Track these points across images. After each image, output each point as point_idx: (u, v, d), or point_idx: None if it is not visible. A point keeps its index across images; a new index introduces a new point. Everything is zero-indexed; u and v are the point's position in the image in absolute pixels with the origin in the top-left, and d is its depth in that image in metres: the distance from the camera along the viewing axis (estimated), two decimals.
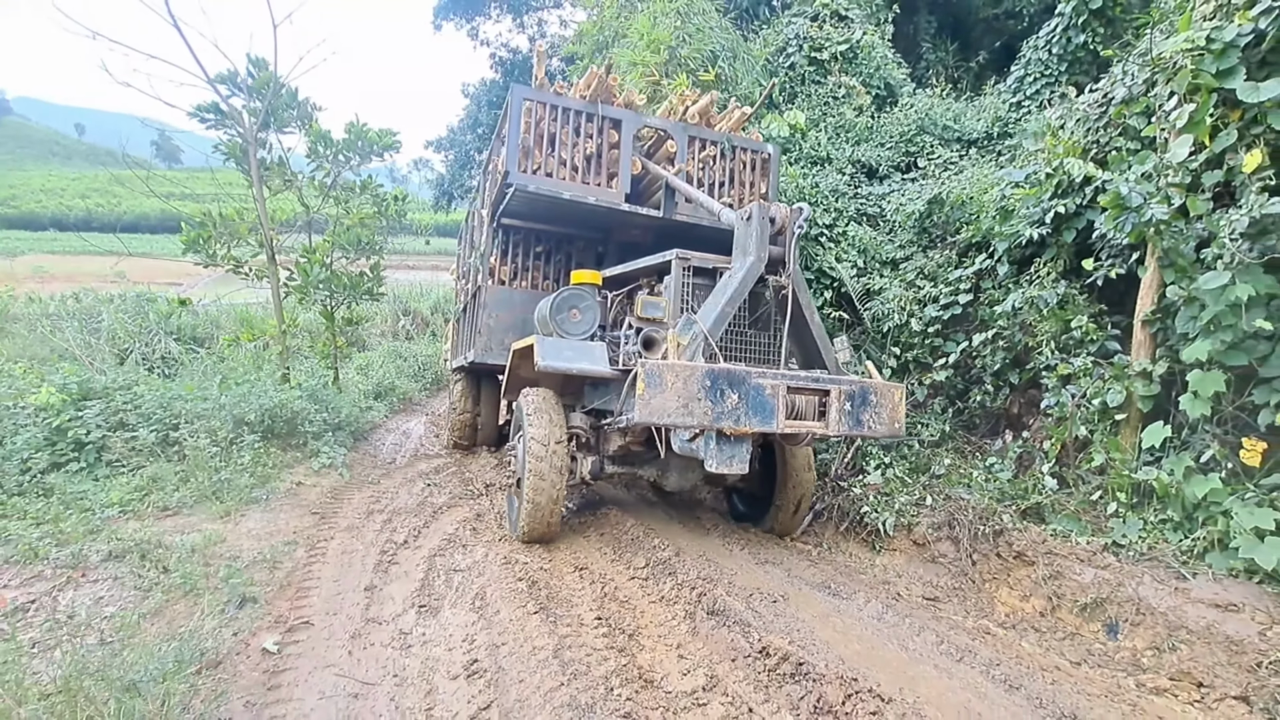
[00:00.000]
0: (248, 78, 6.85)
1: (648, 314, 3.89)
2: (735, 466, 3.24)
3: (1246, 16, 3.63)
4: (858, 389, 3.67)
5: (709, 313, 3.68)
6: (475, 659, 2.99)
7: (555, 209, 5.85)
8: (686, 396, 3.16)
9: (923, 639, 3.23)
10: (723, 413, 3.17)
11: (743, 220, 3.94)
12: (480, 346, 6.10)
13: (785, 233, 3.86)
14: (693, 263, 4.18)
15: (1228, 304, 3.45)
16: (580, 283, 4.85)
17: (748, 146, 6.52)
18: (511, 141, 5.40)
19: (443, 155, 28.87)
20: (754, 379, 3.26)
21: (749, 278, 3.77)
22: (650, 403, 3.18)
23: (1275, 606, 3.16)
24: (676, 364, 3.24)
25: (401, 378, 13.47)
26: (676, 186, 5.67)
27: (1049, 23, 9.44)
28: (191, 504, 4.72)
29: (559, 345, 4.23)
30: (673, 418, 3.16)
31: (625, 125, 5.86)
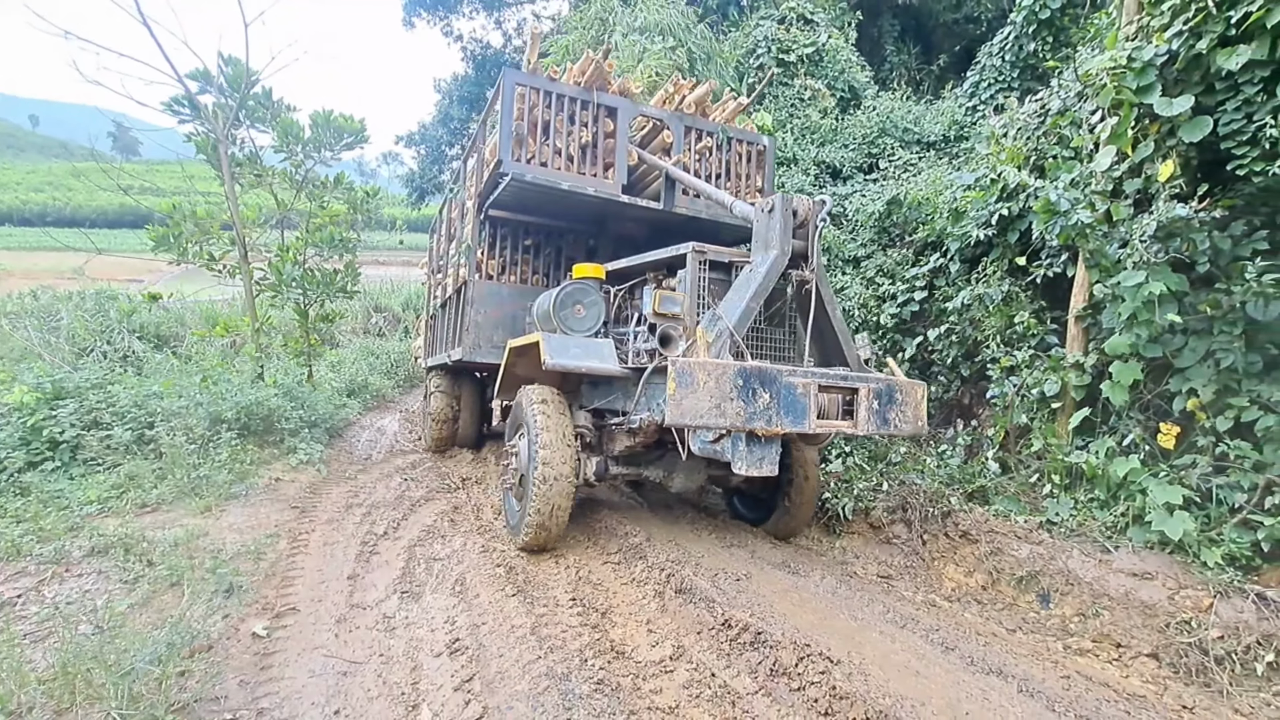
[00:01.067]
0: (220, 75, 6.84)
1: (665, 309, 3.63)
2: (765, 468, 3.08)
3: (1162, 38, 3.98)
4: (884, 387, 3.54)
5: (733, 308, 3.49)
6: (457, 638, 3.17)
7: (547, 200, 5.63)
8: (719, 396, 2.98)
9: (872, 610, 3.52)
10: (755, 413, 3.00)
11: (764, 212, 3.76)
12: (468, 344, 5.84)
13: (807, 226, 3.71)
14: (708, 256, 3.97)
15: (1143, 300, 3.79)
16: (583, 277, 4.65)
17: (743, 138, 6.36)
18: (504, 129, 5.13)
19: (414, 150, 28.64)
20: (785, 377, 3.11)
21: (773, 272, 3.59)
22: (682, 403, 3.02)
23: (1182, 573, 3.52)
24: (708, 362, 3.06)
25: (374, 375, 13.47)
26: (679, 178, 5.51)
27: (1002, 31, 9.88)
28: (170, 500, 4.80)
29: (565, 342, 4.07)
30: (705, 418, 2.99)
31: (621, 113, 5.63)
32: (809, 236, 3.71)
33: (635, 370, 4.03)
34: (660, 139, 5.97)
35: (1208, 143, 3.89)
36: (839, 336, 3.88)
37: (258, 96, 7.12)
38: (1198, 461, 3.78)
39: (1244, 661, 3.02)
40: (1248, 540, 3.41)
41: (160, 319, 14.49)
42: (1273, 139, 3.55)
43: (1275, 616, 3.10)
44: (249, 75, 6.92)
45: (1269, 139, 3.57)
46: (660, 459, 4.75)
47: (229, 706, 2.57)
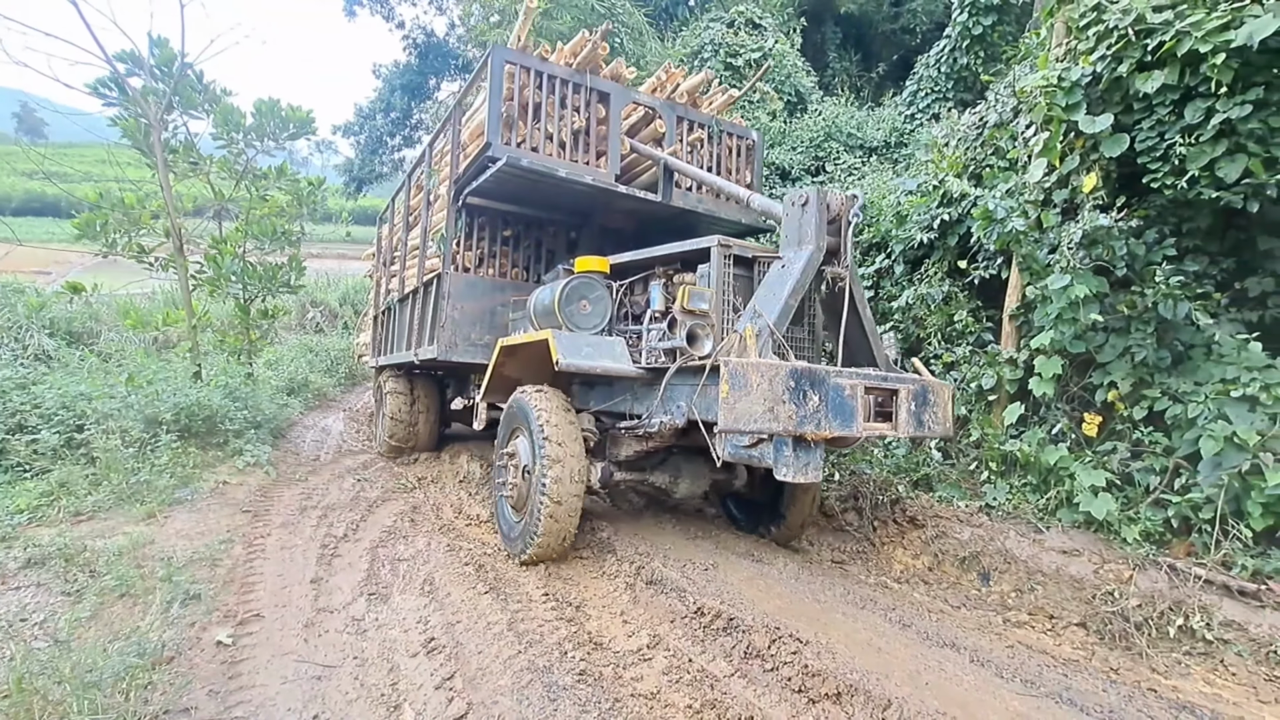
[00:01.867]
0: (149, 57, 6.43)
1: (694, 306, 3.45)
2: (811, 475, 2.90)
3: (1088, 60, 4.34)
4: (920, 388, 3.41)
5: (771, 305, 3.31)
6: (432, 637, 3.16)
7: (533, 189, 5.26)
8: (771, 399, 2.80)
9: (832, 593, 3.72)
10: (805, 416, 2.82)
11: (797, 206, 3.60)
12: (443, 342, 5.41)
13: (840, 221, 3.57)
14: (733, 251, 3.79)
15: (1069, 301, 4.15)
16: (587, 271, 4.39)
17: (733, 131, 6.15)
18: (493, 110, 4.77)
19: (351, 139, 27.53)
20: (833, 378, 2.96)
21: (809, 268, 3.43)
22: (735, 406, 2.88)
23: (1106, 549, 3.89)
24: (762, 363, 2.88)
25: (314, 373, 12.97)
26: (681, 170, 5.28)
27: (937, 44, 10.41)
28: (109, 507, 4.53)
29: (577, 341, 3.83)
30: (758, 422, 2.81)
31: (614, 99, 5.34)
32: (841, 232, 3.57)
33: (651, 371, 3.82)
34: (652, 129, 5.76)
35: (1126, 158, 4.27)
36: (869, 336, 3.74)
37: (191, 81, 6.72)
38: (1117, 448, 4.16)
39: (1159, 626, 3.36)
40: (1160, 518, 3.79)
41: (73, 315, 13.47)
42: (1181, 156, 3.95)
43: (1184, 585, 3.47)
44: (183, 58, 6.52)
45: (1178, 156, 3.96)
46: (663, 464, 4.55)
47: (200, 717, 2.49)
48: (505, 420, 4.40)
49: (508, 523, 4.28)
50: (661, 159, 5.38)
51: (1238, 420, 3.56)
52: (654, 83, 6.01)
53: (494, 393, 4.82)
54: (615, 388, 4.35)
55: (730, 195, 4.78)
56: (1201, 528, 3.63)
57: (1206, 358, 3.99)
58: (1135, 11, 4.09)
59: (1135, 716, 2.58)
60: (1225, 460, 3.52)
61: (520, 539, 3.99)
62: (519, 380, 4.49)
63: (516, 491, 4.12)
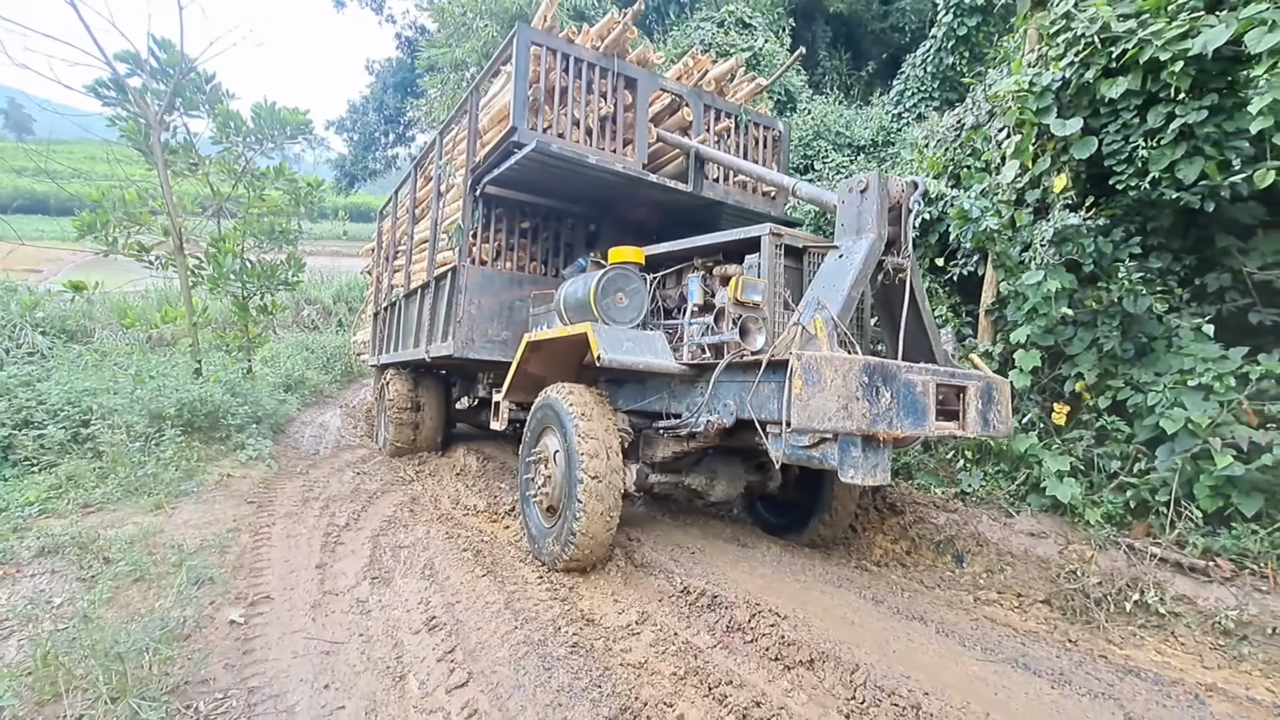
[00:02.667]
0: (150, 58, 6.54)
1: (748, 297, 3.30)
2: (879, 477, 2.75)
3: (1058, 66, 4.54)
4: (985, 385, 3.25)
5: (833, 297, 3.11)
6: (434, 616, 3.35)
7: (554, 178, 5.02)
8: (846, 396, 2.63)
9: (812, 574, 3.92)
10: (878, 414, 2.67)
11: (855, 193, 3.41)
12: (460, 338, 5.19)
13: (900, 209, 3.38)
14: (784, 241, 3.60)
15: (1041, 297, 4.35)
16: (622, 261, 4.18)
17: (759, 121, 5.95)
18: (518, 93, 4.58)
19: (344, 135, 27.53)
20: (904, 374, 2.81)
21: (871, 258, 3.24)
22: (809, 404, 2.69)
23: (1070, 531, 4.11)
24: (836, 357, 2.70)
25: (310, 370, 13.10)
26: (716, 159, 5.10)
27: (924, 44, 10.60)
28: (117, 499, 4.69)
29: (618, 335, 3.64)
30: (832, 421, 2.64)
31: (641, 85, 5.13)
32: (901, 221, 3.38)
33: (695, 368, 3.64)
34: (678, 117, 5.58)
35: (1094, 159, 4.47)
36: (927, 330, 3.57)
37: (195, 81, 6.84)
38: (1083, 435, 4.38)
39: (1116, 601, 3.58)
40: (1121, 501, 4.01)
41: (67, 313, 13.54)
42: (1144, 158, 4.16)
43: (1141, 563, 3.69)
44: (185, 62, 6.63)
45: (1141, 158, 4.17)
46: (697, 465, 4.37)
47: (219, 687, 2.67)
48: (534, 420, 4.22)
49: (538, 528, 4.05)
50: (693, 148, 5.21)
51: (1192, 408, 3.77)
52: (680, 69, 5.81)
53: (517, 391, 4.65)
54: (647, 385, 4.17)
55: (773, 183, 4.62)
56: (1158, 509, 3.85)
57: (1167, 349, 4.21)
58: (1101, 20, 4.29)
59: (1083, 678, 2.79)
60: (1179, 445, 3.74)
61: (554, 545, 3.78)
62: (543, 378, 4.39)
63: (548, 495, 3.92)
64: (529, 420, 4.25)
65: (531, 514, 4.17)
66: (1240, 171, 3.82)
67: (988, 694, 2.60)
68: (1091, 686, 2.73)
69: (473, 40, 11.53)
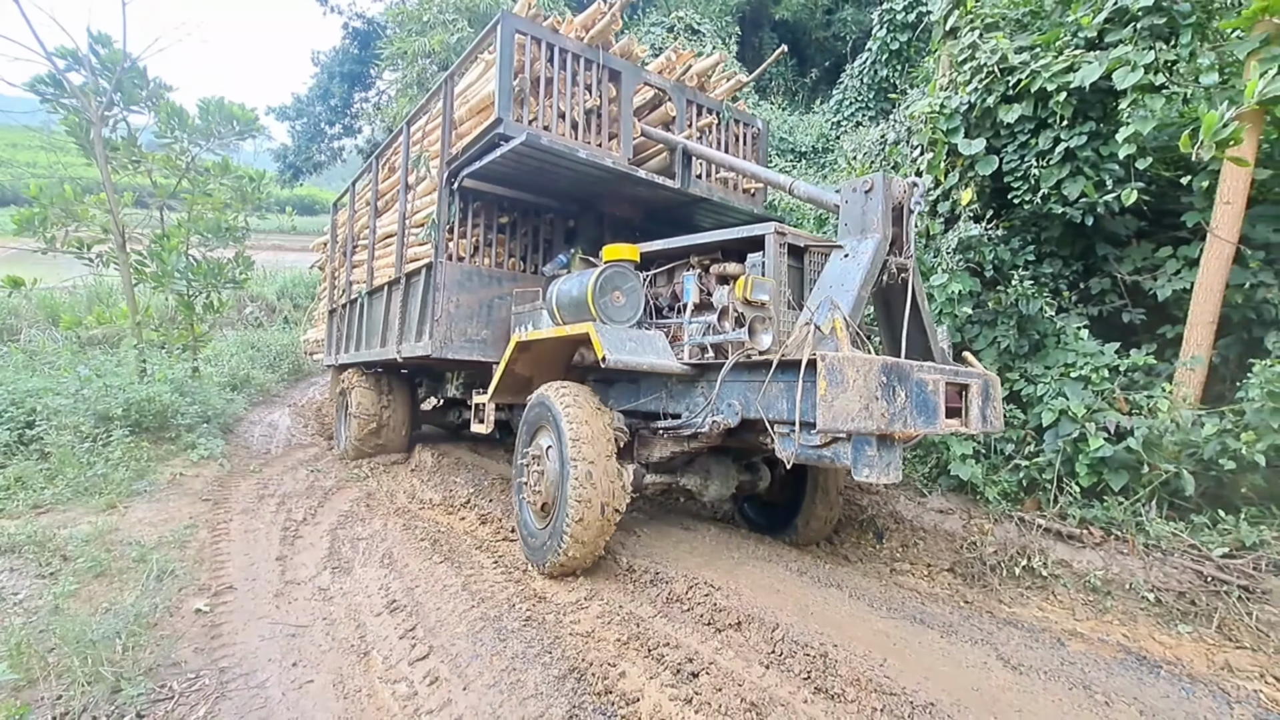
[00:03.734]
0: (90, 54, 6.41)
1: (757, 296, 3.28)
2: (893, 475, 2.76)
3: (965, 91, 5.05)
4: (984, 382, 3.29)
5: (844, 297, 3.10)
6: (394, 600, 3.58)
7: (537, 172, 4.88)
8: (866, 396, 2.63)
9: (745, 552, 4.30)
10: (895, 413, 2.68)
11: (860, 193, 3.42)
12: (438, 338, 5.02)
13: (902, 209, 3.42)
14: (787, 240, 3.59)
15: (948, 298, 4.85)
16: (618, 259, 4.05)
17: (740, 119, 5.89)
18: (503, 83, 4.41)
19: (288, 125, 26.70)
20: (916, 373, 2.82)
21: (878, 257, 3.26)
22: (833, 404, 2.68)
23: (972, 508, 4.62)
24: (858, 357, 2.71)
25: (256, 369, 12.86)
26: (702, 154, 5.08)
27: (860, 56, 11.19)
28: (67, 500, 4.70)
29: (619, 335, 3.58)
30: (854, 421, 2.63)
31: (625, 79, 5.03)
32: (904, 221, 3.42)
33: (697, 367, 3.62)
34: (661, 112, 5.49)
35: (996, 176, 5.00)
36: (926, 329, 3.63)
37: (133, 77, 6.72)
38: None
39: (1008, 567, 4.09)
40: (1015, 479, 4.54)
41: None
42: (1036, 176, 4.69)
43: (1029, 533, 4.21)
44: (126, 58, 6.53)
45: (1033, 176, 4.71)
46: (690, 466, 4.36)
47: (190, 669, 2.85)
48: (526, 421, 4.13)
49: (530, 531, 3.99)
50: (680, 143, 5.16)
51: (1073, 397, 4.32)
52: (663, 63, 5.69)
53: (504, 392, 4.57)
54: (641, 385, 4.13)
55: (769, 181, 4.58)
56: (1044, 486, 4.39)
57: (1056, 346, 4.76)
58: (1000, 52, 4.81)
59: (969, 629, 3.25)
60: (1061, 430, 4.28)
61: (545, 548, 3.72)
62: (530, 379, 4.33)
63: (540, 497, 3.85)
64: (522, 421, 4.19)
65: (525, 517, 4.09)
66: (1112, 191, 4.39)
67: (887, 644, 3.02)
68: (974, 635, 3.19)
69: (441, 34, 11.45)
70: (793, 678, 2.71)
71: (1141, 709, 2.60)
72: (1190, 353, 4.14)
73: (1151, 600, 3.59)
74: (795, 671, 2.75)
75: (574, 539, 3.50)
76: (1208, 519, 3.80)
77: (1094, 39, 4.58)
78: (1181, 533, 3.76)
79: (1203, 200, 4.30)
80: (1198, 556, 3.66)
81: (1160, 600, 3.58)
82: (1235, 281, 4.15)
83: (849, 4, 15.42)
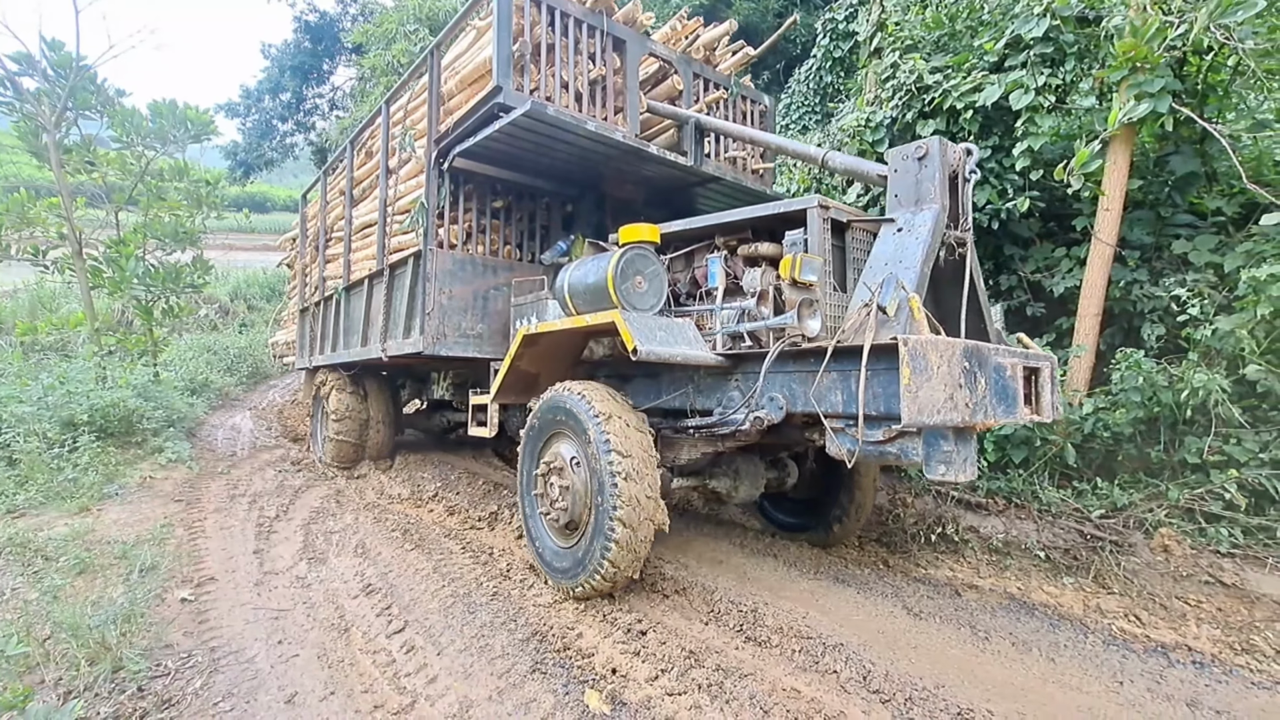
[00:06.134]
0: (43, 59, 6.39)
1: (805, 277, 2.91)
2: (970, 472, 2.48)
3: (888, 107, 5.54)
4: (1050, 366, 3.01)
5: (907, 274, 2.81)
6: (370, 583, 3.87)
7: (535, 150, 4.54)
8: (951, 384, 2.38)
9: (695, 530, 4.73)
10: (977, 403, 2.44)
11: (912, 160, 3.10)
12: (430, 333, 4.65)
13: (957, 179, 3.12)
14: (831, 215, 3.21)
15: None
16: (638, 241, 3.64)
17: (747, 95, 5.58)
18: (501, 50, 4.04)
19: (238, 121, 26.08)
20: (994, 357, 2.58)
21: (938, 231, 2.96)
22: (919, 395, 2.39)
23: (899, 484, 5.13)
24: (940, 340, 2.43)
25: (215, 372, 12.76)
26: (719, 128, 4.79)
27: (806, 62, 11.71)
28: (40, 504, 4.82)
29: (648, 324, 3.22)
30: (940, 413, 2.37)
31: (630, 49, 4.69)
32: (958, 190, 3.12)
33: (731, 358, 3.35)
34: (666, 86, 5.19)
35: None
36: (983, 308, 3.34)
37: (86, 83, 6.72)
38: None
39: (925, 535, 4.61)
40: None
41: None
42: None
43: (944, 504, 4.74)
44: (79, 61, 6.53)
45: None
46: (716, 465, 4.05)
47: (182, 650, 3.10)
48: (538, 425, 3.72)
49: (552, 551, 3.60)
50: (692, 118, 4.84)
51: None
52: (668, 33, 5.33)
53: (508, 392, 4.21)
54: (662, 381, 3.82)
55: (798, 155, 4.28)
56: None
57: None
58: (917, 72, 5.31)
59: (882, 586, 3.74)
60: None
61: (576, 569, 3.35)
62: (536, 376, 4.07)
63: (566, 511, 3.44)
64: (531, 426, 3.77)
65: (541, 535, 3.70)
66: (1012, 199, 4.93)
67: (810, 599, 3.48)
68: (886, 591, 3.67)
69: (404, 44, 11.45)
70: (727, 630, 3.13)
71: (1014, 641, 3.10)
72: (1078, 342, 4.71)
73: (1043, 557, 4.14)
74: (730, 625, 3.17)
75: (615, 562, 3.13)
76: (1089, 486, 4.37)
77: (997, 63, 5.12)
78: (1068, 499, 4.33)
79: (1089, 206, 4.88)
80: (1080, 518, 4.23)
81: (1049, 557, 4.13)
82: (1117, 279, 4.74)
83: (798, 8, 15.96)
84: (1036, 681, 2.78)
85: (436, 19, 11.61)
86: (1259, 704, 2.66)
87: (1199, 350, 4.05)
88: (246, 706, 2.63)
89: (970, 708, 2.50)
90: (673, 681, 2.67)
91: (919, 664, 2.86)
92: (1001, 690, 2.69)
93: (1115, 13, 4.30)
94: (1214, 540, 3.75)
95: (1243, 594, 3.48)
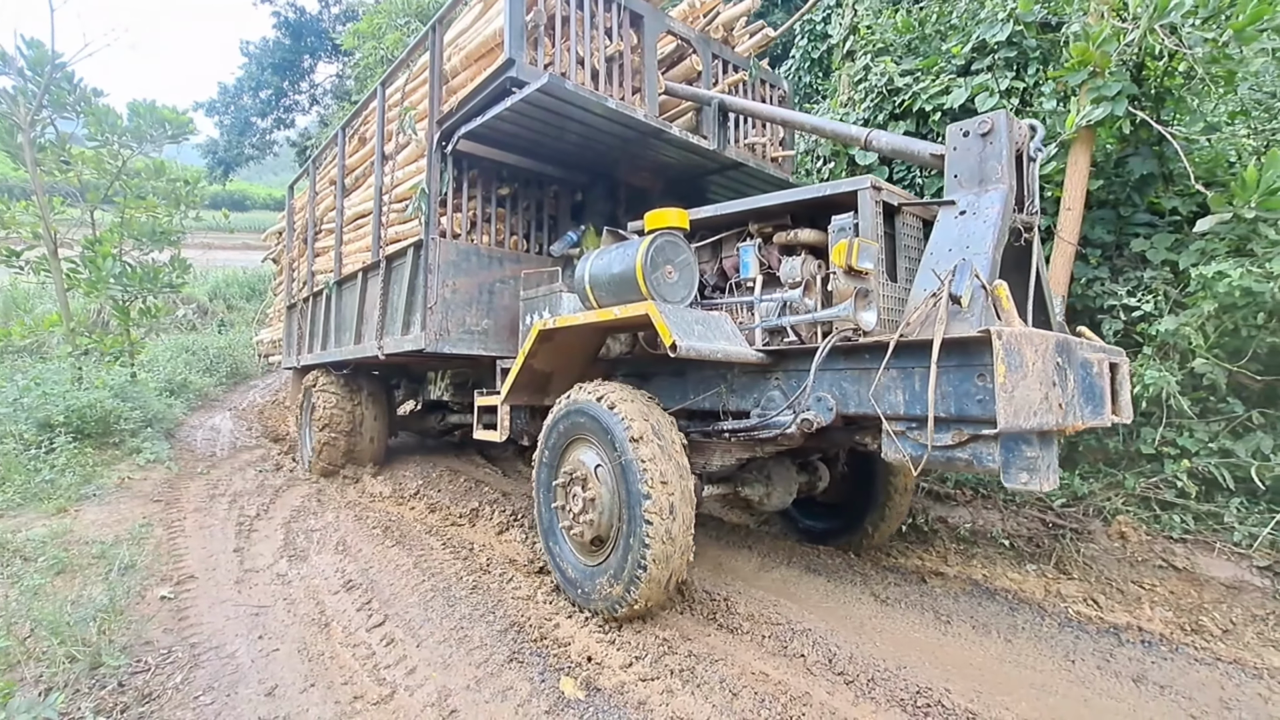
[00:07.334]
0: (19, 57, 6.32)
1: (863, 264, 2.67)
2: (1052, 479, 2.25)
3: (861, 109, 5.67)
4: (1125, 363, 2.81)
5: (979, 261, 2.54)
6: (350, 579, 3.92)
7: (546, 133, 4.32)
8: (1045, 382, 2.18)
9: None
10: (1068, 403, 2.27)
11: (975, 137, 2.81)
12: (432, 329, 4.39)
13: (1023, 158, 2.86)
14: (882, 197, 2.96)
15: None
16: (667, 227, 3.39)
17: (767, 78, 5.32)
18: (514, 20, 3.76)
19: (215, 119, 25.76)
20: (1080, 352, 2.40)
21: (1007, 212, 2.70)
22: (1014, 394, 2.15)
23: None
24: (1033, 333, 2.23)
25: (194, 373, 12.66)
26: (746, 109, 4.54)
27: (785, 62, 11.84)
28: (17, 505, 4.80)
29: (684, 317, 2.98)
30: (1036, 416, 2.15)
31: (647, 25, 4.42)
32: (1024, 171, 2.87)
33: (772, 354, 3.10)
34: (684, 67, 4.98)
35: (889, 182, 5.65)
36: (1046, 299, 3.13)
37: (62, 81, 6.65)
38: None
39: None
40: None
41: None
42: (920, 185, 5.35)
43: (915, 497, 4.88)
44: (55, 59, 6.46)
45: (919, 184, 5.37)
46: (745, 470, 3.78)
47: (163, 646, 3.14)
48: (558, 431, 3.44)
49: (577, 568, 3.33)
50: (714, 98, 4.55)
51: None
52: (685, 10, 5.08)
53: (520, 392, 3.94)
54: (689, 380, 3.56)
55: (838, 136, 4.06)
56: None
57: None
58: (888, 75, 5.44)
59: (851, 574, 3.86)
60: None
61: (609, 585, 3.07)
62: (549, 375, 3.85)
63: (592, 524, 3.16)
64: (550, 431, 3.49)
65: (563, 552, 3.44)
66: None
67: (783, 587, 3.59)
68: (855, 580, 3.79)
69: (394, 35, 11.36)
70: (700, 619, 3.23)
71: (975, 625, 3.23)
72: None
73: (1007, 545, 4.29)
74: (703, 614, 3.27)
75: (651, 581, 2.90)
76: None
77: (964, 66, 5.26)
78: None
79: (1053, 206, 5.04)
80: (1043, 507, 4.38)
81: (1014, 545, 4.28)
82: (1079, 275, 4.91)
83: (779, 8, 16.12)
84: (993, 661, 2.91)
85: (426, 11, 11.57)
86: (1200, 678, 2.81)
87: (1154, 345, 4.21)
88: (227, 699, 2.67)
89: (929, 686, 2.62)
90: (646, 668, 2.76)
91: (883, 647, 2.97)
92: (960, 670, 2.81)
93: (1074, 19, 4.45)
94: (1167, 527, 3.91)
95: (1193, 577, 3.64)
